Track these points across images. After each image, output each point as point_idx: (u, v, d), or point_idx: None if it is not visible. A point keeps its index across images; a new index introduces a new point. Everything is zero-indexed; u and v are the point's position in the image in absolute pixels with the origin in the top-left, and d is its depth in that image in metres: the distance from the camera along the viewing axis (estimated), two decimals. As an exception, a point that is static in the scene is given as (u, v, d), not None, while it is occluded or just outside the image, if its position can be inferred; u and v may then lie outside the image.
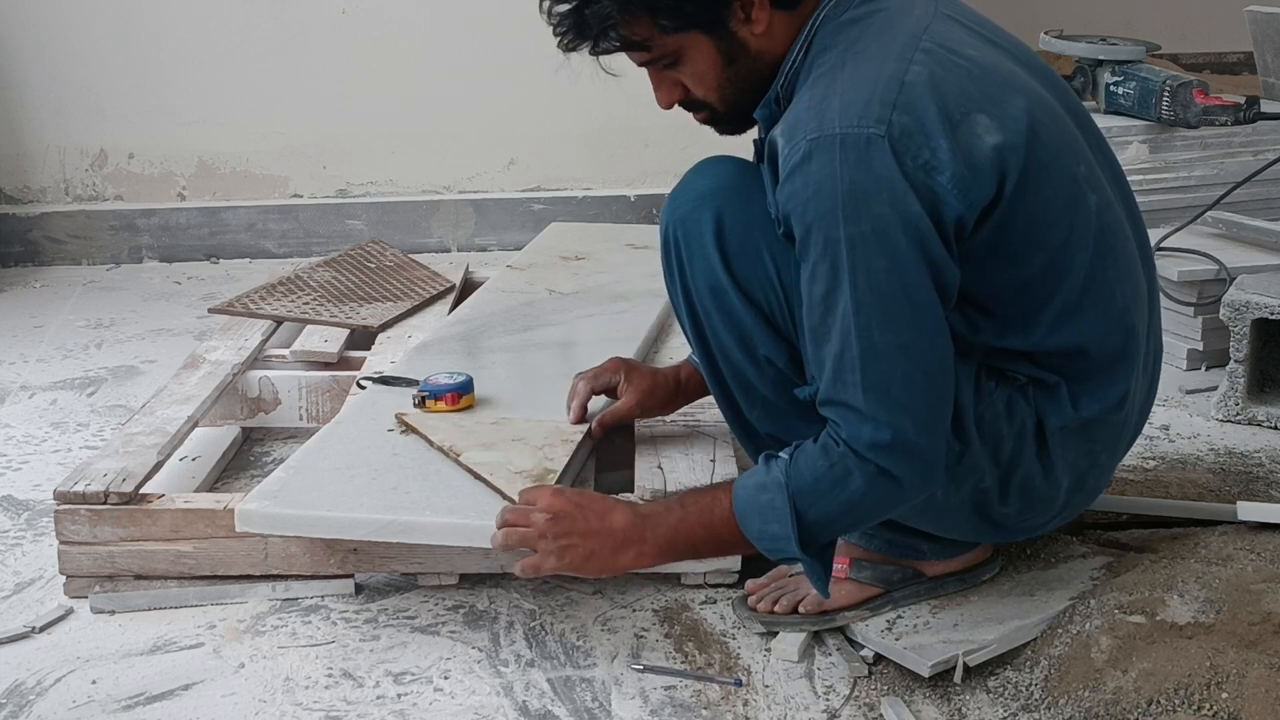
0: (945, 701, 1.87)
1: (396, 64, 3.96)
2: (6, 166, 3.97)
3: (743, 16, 1.79)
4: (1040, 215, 1.77)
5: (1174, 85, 3.35)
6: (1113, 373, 1.86)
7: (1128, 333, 1.87)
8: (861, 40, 1.77)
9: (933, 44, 1.75)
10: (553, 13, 1.81)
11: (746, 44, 1.81)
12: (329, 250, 3.83)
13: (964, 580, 2.05)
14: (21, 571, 2.25)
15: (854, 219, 1.68)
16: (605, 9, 1.77)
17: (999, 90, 1.75)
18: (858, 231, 1.68)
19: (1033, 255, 1.78)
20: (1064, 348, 1.83)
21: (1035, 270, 1.79)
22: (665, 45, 1.81)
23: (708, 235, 1.87)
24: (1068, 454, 1.87)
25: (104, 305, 3.61)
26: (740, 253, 1.86)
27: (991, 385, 1.83)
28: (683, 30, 1.79)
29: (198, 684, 1.94)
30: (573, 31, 1.81)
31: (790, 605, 2.01)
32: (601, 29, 1.79)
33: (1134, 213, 1.94)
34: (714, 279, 1.87)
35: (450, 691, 1.91)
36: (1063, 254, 1.80)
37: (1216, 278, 2.93)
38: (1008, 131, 1.73)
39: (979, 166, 1.71)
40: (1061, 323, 1.82)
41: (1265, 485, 2.44)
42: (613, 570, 1.86)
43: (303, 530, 2.04)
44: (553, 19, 1.82)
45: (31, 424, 2.84)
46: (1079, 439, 1.87)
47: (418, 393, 2.29)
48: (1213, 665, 1.74)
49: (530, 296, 2.90)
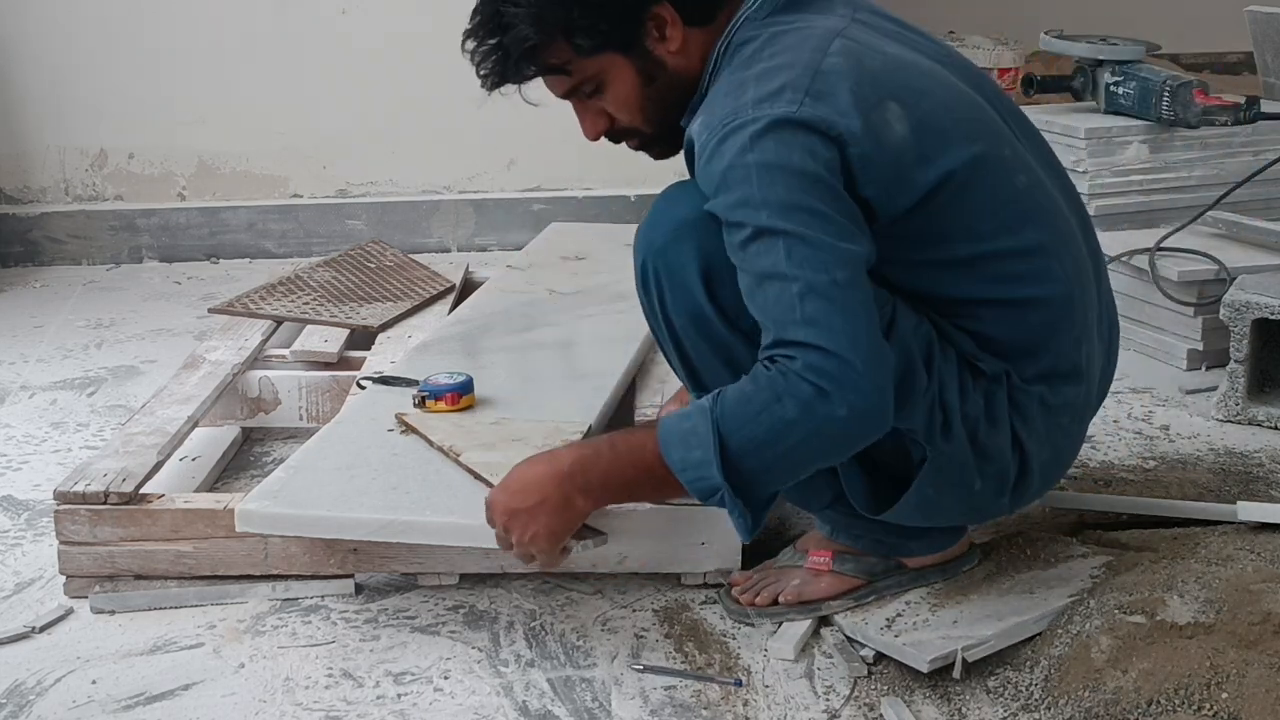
0: (945, 702, 1.87)
1: (396, 64, 3.96)
2: (6, 166, 3.97)
3: (657, 35, 1.85)
4: (964, 198, 1.81)
5: (1174, 85, 3.35)
6: (1063, 347, 1.89)
7: (1071, 304, 1.89)
8: (781, 36, 1.82)
9: (849, 40, 1.80)
10: (475, 51, 1.87)
11: (663, 62, 1.86)
12: (329, 250, 3.83)
13: (945, 571, 2.07)
14: (21, 571, 2.25)
15: (768, 178, 1.71)
16: (523, 32, 1.82)
17: (914, 82, 1.81)
18: (772, 188, 1.71)
19: (960, 239, 1.82)
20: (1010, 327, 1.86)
21: (967, 254, 1.83)
22: (584, 69, 1.86)
23: (690, 269, 1.84)
24: (1040, 429, 1.90)
25: (104, 305, 3.61)
26: (726, 282, 1.84)
27: (969, 379, 1.86)
28: (599, 51, 1.84)
29: (198, 684, 1.94)
30: (496, 64, 1.86)
31: (771, 597, 2.04)
32: (521, 55, 1.83)
33: (1069, 190, 1.98)
34: (697, 310, 1.86)
35: (450, 691, 1.91)
36: (991, 236, 1.83)
37: (1216, 278, 2.93)
38: (920, 121, 1.77)
39: (888, 149, 1.75)
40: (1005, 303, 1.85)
41: (1265, 485, 2.44)
42: (573, 527, 1.84)
43: (303, 530, 2.04)
44: (475, 56, 1.87)
45: (31, 424, 2.84)
46: (1047, 413, 1.90)
47: (418, 393, 2.29)
48: (1213, 665, 1.74)
49: (530, 296, 2.90)
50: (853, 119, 1.73)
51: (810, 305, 1.68)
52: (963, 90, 1.87)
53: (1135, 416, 2.77)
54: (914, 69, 1.84)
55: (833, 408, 1.67)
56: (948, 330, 1.86)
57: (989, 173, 1.83)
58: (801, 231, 1.70)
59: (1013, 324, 1.86)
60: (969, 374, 1.86)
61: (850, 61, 1.77)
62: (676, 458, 1.73)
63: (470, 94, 1.94)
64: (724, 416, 1.70)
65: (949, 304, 1.86)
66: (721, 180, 1.75)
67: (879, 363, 1.70)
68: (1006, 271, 1.85)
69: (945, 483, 1.87)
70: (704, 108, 1.82)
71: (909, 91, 1.80)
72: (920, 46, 1.90)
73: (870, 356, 1.69)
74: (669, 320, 1.89)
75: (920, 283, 1.84)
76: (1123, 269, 3.11)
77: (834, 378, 1.66)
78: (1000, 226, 1.84)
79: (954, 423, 1.84)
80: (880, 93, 1.76)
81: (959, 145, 1.80)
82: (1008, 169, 1.85)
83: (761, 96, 1.75)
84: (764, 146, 1.72)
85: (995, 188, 1.83)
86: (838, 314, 1.68)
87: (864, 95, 1.75)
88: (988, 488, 1.91)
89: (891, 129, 1.76)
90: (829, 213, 1.71)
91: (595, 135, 1.93)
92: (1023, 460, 1.91)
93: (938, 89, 1.84)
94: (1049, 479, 2.00)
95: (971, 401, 1.85)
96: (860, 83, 1.76)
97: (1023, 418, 1.88)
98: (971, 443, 1.86)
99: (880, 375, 1.69)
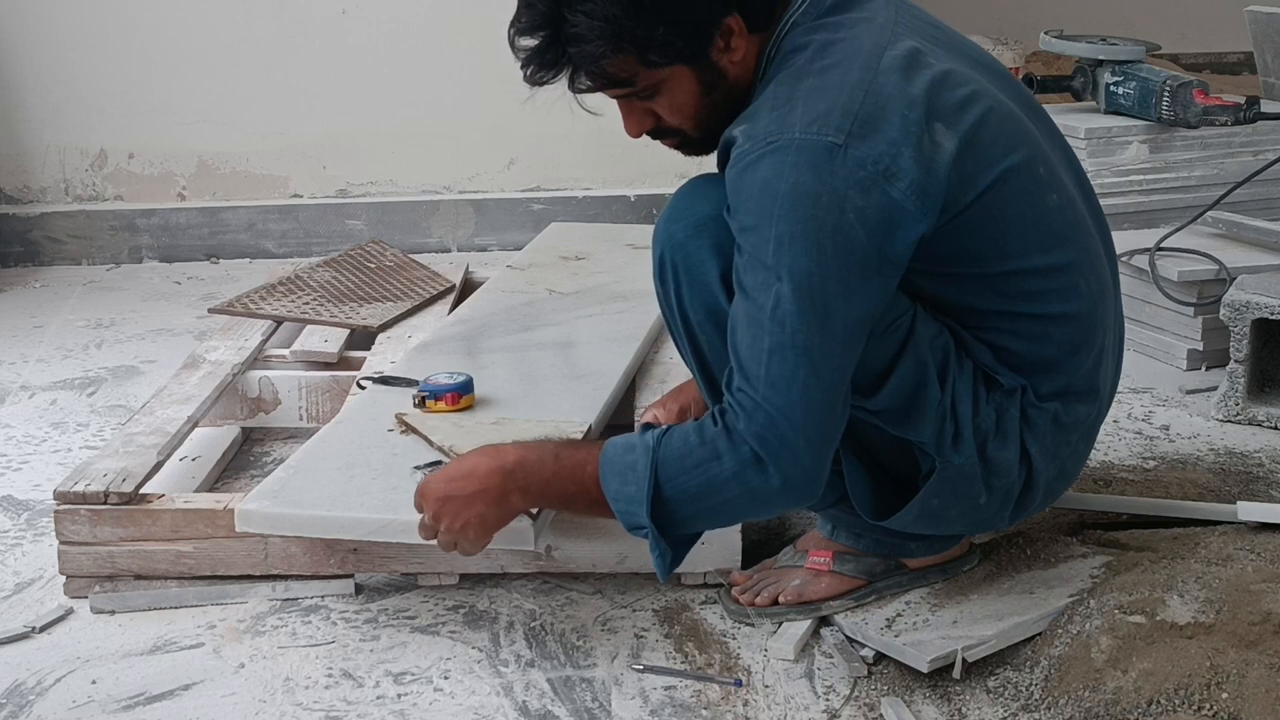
0: (945, 702, 1.87)
1: (396, 64, 3.96)
2: (6, 166, 3.97)
3: (723, 45, 1.79)
4: (999, 217, 1.79)
5: (1174, 85, 3.35)
6: (1083, 365, 1.88)
7: (1093, 322, 1.88)
8: (831, 46, 1.77)
9: (898, 53, 1.76)
10: (532, 53, 1.78)
11: (726, 72, 1.81)
12: (329, 250, 3.83)
13: (945, 572, 2.08)
14: (21, 571, 2.25)
15: (788, 218, 1.68)
16: (596, 49, 1.74)
17: (959, 99, 1.77)
18: (788, 230, 1.68)
19: (991, 256, 1.81)
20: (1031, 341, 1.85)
21: (997, 270, 1.81)
22: (648, 79, 1.79)
23: (710, 266, 1.84)
24: (1049, 446, 1.89)
25: (104, 305, 3.61)
26: None
27: (984, 392, 1.85)
28: (669, 64, 1.78)
29: (198, 684, 1.94)
30: (552, 70, 1.78)
31: (771, 597, 2.04)
32: (585, 68, 1.77)
33: (1094, 206, 1.97)
34: (715, 306, 1.85)
35: (450, 691, 1.91)
36: (1023, 254, 1.82)
37: (1216, 278, 2.94)
38: (966, 139, 1.74)
39: (938, 173, 1.72)
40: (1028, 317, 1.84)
41: (1265, 485, 2.44)
42: (506, 521, 1.85)
43: (303, 530, 2.04)
44: (531, 59, 1.78)
45: (31, 424, 2.84)
46: (1058, 431, 1.89)
47: (418, 393, 2.29)
48: (1213, 665, 1.74)
49: (530, 296, 2.90)
50: (903, 150, 1.69)
51: (776, 365, 1.69)
52: (1001, 101, 1.82)
53: (1135, 416, 2.78)
54: (958, 80, 1.78)
55: (768, 478, 1.71)
56: (967, 340, 1.85)
57: (1023, 191, 1.80)
58: (798, 286, 1.68)
59: (1034, 339, 1.85)
60: (984, 387, 1.85)
61: (900, 81, 1.73)
62: (612, 488, 1.77)
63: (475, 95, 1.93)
64: (664, 461, 1.74)
65: (971, 314, 1.84)
66: (749, 198, 1.72)
67: (824, 438, 1.73)
68: (1033, 288, 1.83)
69: (951, 494, 1.87)
70: (749, 114, 1.77)
71: (955, 109, 1.75)
72: (958, 48, 1.86)
73: (817, 431, 1.71)
74: (685, 314, 1.89)
75: (945, 291, 1.83)
76: (1123, 269, 3.11)
77: (775, 449, 1.70)
78: (1031, 245, 1.82)
79: (965, 435, 1.83)
80: (930, 113, 1.72)
81: (998, 163, 1.78)
82: (1041, 187, 1.83)
83: (810, 119, 1.70)
84: (800, 178, 1.68)
85: (1028, 206, 1.81)
86: (798, 383, 1.69)
87: (913, 119, 1.71)
88: (993, 501, 1.90)
89: (942, 150, 1.72)
90: (831, 273, 1.69)
91: (639, 134, 1.88)
92: (1029, 476, 1.90)
93: (980, 102, 1.78)
94: (1051, 494, 1.99)
95: (984, 415, 1.84)
96: (912, 104, 1.71)
97: (1034, 434, 1.87)
98: (980, 456, 1.85)
99: (821, 450, 1.73)
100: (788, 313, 1.68)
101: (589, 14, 1.73)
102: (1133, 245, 3.11)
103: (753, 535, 2.15)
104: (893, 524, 1.91)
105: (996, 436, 1.85)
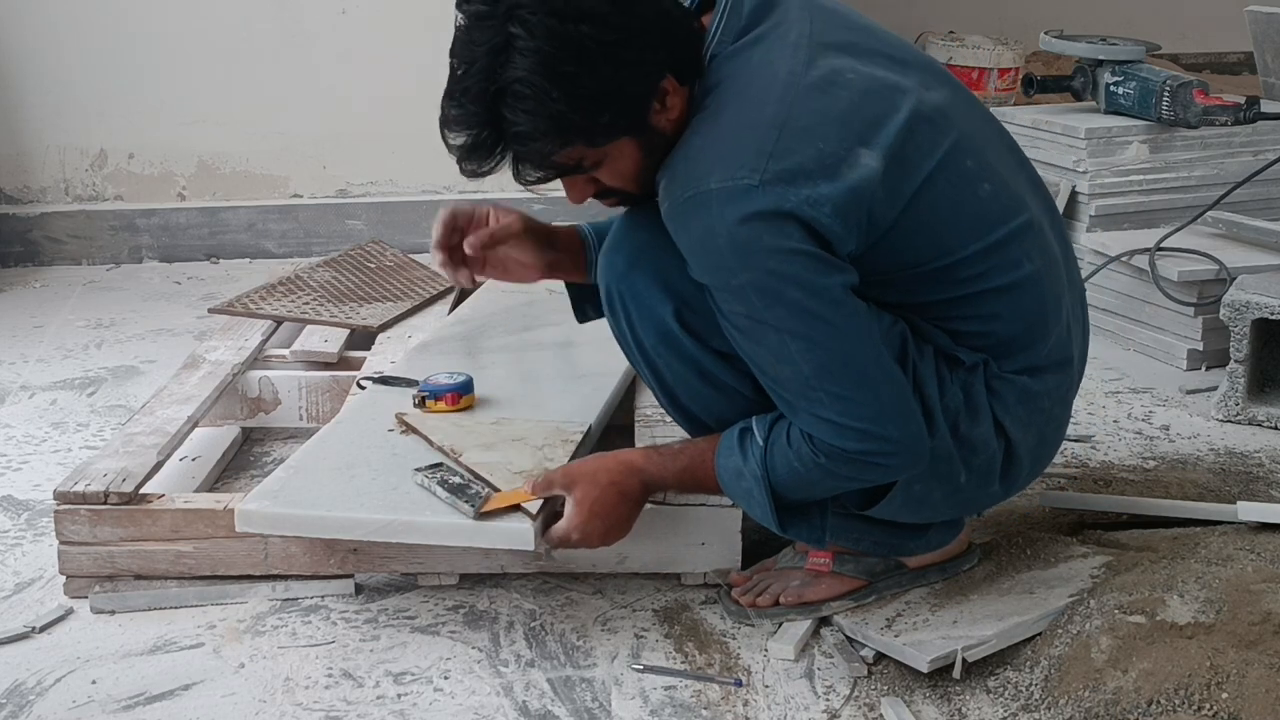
0: (945, 702, 1.87)
1: (396, 64, 3.96)
2: (6, 166, 3.97)
3: (659, 107, 1.79)
4: (932, 220, 1.80)
5: (1174, 85, 3.35)
6: (1047, 335, 1.90)
7: (1040, 286, 1.88)
8: (743, 81, 1.77)
9: (811, 80, 1.75)
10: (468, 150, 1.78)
11: (664, 132, 1.80)
12: (329, 250, 3.83)
13: (945, 570, 2.08)
14: (21, 571, 2.25)
15: (747, 266, 1.72)
16: (544, 147, 1.74)
17: (880, 114, 1.76)
18: (754, 277, 1.72)
19: (932, 256, 1.82)
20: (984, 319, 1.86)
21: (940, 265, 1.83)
22: (594, 157, 1.80)
23: (654, 292, 1.87)
24: (1022, 415, 1.90)
25: (104, 305, 3.61)
26: (691, 302, 1.85)
27: (947, 372, 1.86)
28: (613, 140, 1.78)
29: (198, 684, 1.94)
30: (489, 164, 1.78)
31: (772, 598, 2.05)
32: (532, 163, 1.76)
33: (1031, 175, 1.97)
34: (665, 329, 1.88)
35: (450, 691, 1.91)
36: (962, 246, 1.83)
37: (1216, 278, 2.94)
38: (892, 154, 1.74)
39: (861, 193, 1.72)
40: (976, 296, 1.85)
41: (1265, 485, 2.44)
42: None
43: (303, 530, 2.04)
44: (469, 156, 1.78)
45: (31, 424, 2.84)
46: (1029, 400, 1.90)
47: (418, 393, 2.29)
48: (1213, 665, 1.74)
49: (530, 296, 2.90)
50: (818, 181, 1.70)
51: (833, 384, 1.76)
52: (924, 101, 1.81)
53: (1135, 416, 2.78)
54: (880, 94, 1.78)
55: (885, 471, 1.84)
56: (922, 327, 1.86)
57: (952, 188, 1.81)
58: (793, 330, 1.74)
59: (987, 317, 1.86)
60: (946, 367, 1.87)
61: (815, 110, 1.73)
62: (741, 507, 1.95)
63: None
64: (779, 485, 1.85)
65: (922, 307, 1.86)
66: (696, 255, 1.77)
67: (910, 420, 1.80)
68: (976, 271, 1.84)
69: (932, 476, 1.87)
70: (668, 166, 1.78)
71: (876, 126, 1.75)
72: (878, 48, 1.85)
73: (901, 418, 1.79)
74: (638, 340, 1.92)
75: (892, 295, 1.84)
76: (1123, 269, 3.12)
77: (882, 453, 1.79)
78: (968, 236, 1.83)
79: (935, 416, 1.84)
80: (850, 137, 1.73)
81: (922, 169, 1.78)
82: (970, 180, 1.83)
83: (725, 166, 1.71)
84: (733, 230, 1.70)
85: (959, 203, 1.82)
86: (860, 388, 1.77)
87: (829, 150, 1.72)
88: (974, 479, 1.91)
89: (862, 170, 1.72)
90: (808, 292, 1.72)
91: (583, 201, 1.88)
92: (1009, 448, 1.91)
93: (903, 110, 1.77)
94: (1039, 463, 2.01)
95: (951, 394, 1.86)
96: (826, 136, 1.72)
97: (1003, 406, 1.88)
98: (954, 435, 1.86)
99: (912, 429, 1.80)
100: (807, 341, 1.75)
101: (531, 112, 1.71)
102: (1133, 245, 3.11)
103: (753, 535, 2.15)
104: (879, 513, 1.92)
105: (967, 414, 1.86)
